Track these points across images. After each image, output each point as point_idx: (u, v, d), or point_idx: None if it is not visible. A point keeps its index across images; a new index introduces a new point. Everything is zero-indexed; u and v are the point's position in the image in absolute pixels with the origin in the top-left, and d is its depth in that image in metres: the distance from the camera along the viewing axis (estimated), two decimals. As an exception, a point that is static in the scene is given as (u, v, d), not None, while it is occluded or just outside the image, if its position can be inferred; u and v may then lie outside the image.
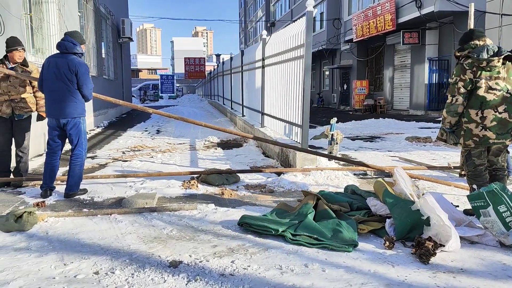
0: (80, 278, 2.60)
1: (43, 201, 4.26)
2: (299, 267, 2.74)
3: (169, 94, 33.60)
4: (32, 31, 7.69)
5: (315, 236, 3.13)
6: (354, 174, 5.54)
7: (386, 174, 5.29)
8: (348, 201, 3.86)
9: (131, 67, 28.46)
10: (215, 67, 23.40)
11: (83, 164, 4.69)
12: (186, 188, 4.89)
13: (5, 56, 5.05)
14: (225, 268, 2.73)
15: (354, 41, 21.27)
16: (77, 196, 4.55)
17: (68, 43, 4.46)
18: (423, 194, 3.62)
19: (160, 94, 33.91)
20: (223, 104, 17.21)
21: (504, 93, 3.57)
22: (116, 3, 16.60)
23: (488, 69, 3.57)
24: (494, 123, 3.57)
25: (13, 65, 5.03)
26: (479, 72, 3.58)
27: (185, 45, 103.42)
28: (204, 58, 39.48)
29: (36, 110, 5.23)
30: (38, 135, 7.17)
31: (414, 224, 3.16)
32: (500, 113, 3.57)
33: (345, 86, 24.27)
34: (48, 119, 4.55)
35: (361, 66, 22.64)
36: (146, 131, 11.39)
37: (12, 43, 4.98)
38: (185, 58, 35.75)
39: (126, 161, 6.73)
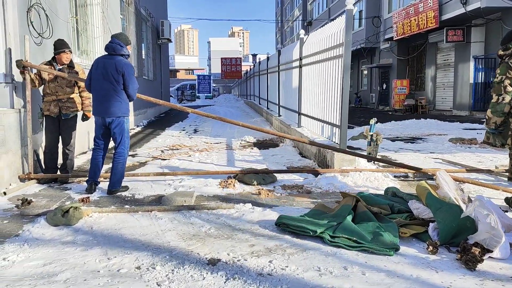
0: (123, 272, 2.68)
1: (88, 197, 4.43)
2: (338, 269, 2.70)
3: (205, 94, 34.09)
4: (78, 33, 8.02)
5: (354, 238, 3.08)
6: (395, 176, 5.39)
7: (429, 176, 5.12)
8: (388, 204, 3.75)
9: (169, 67, 29.09)
10: (251, 67, 23.51)
11: (125, 162, 4.85)
12: (223, 187, 4.94)
13: (53, 58, 5.29)
14: (263, 268, 2.72)
15: (394, 39, 20.73)
16: (119, 193, 4.70)
17: (116, 45, 4.63)
18: (469, 198, 3.47)
19: (197, 94, 34.47)
20: (259, 104, 17.26)
21: None
22: (155, 5, 17.02)
23: None
24: None
25: (61, 67, 5.26)
26: None
27: (221, 46, 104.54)
28: (241, 58, 39.74)
29: (81, 109, 5.45)
30: (82, 133, 7.47)
31: (460, 228, 3.04)
32: None
33: (384, 86, 23.70)
34: (95, 117, 4.74)
35: (401, 65, 22.04)
36: (183, 130, 11.61)
37: (60, 46, 5.22)
38: (221, 58, 36.14)
39: (165, 159, 6.88)
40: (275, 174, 5.37)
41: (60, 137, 5.36)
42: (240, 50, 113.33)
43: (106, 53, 4.69)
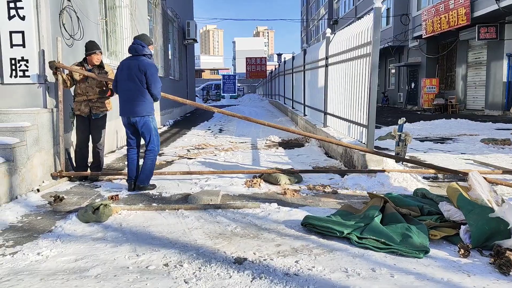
0: (151, 269, 2.73)
1: (117, 195, 4.53)
2: (366, 271, 2.66)
3: (230, 94, 34.25)
4: (107, 35, 8.21)
5: (382, 240, 3.02)
6: (424, 177, 5.26)
7: (460, 177, 4.97)
8: (418, 205, 3.67)
9: (195, 67, 29.39)
10: (276, 66, 23.47)
11: (155, 159, 4.94)
12: (249, 187, 4.95)
13: (84, 59, 5.44)
14: (289, 268, 2.72)
15: (423, 37, 20.24)
16: (146, 191, 4.79)
17: (138, 46, 4.73)
18: (502, 200, 3.36)
19: (222, 94, 34.66)
20: (284, 103, 17.21)
21: None
22: (182, 6, 17.23)
23: None
24: None
25: (91, 67, 5.40)
26: None
27: (246, 45, 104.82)
28: (265, 57, 39.75)
29: (109, 108, 5.58)
30: (111, 132, 7.64)
31: (493, 232, 2.94)
32: None
33: (412, 85, 23.18)
34: (122, 117, 4.84)
35: (430, 63, 21.49)
36: (209, 129, 11.71)
37: (91, 47, 5.36)
38: (246, 58, 36.27)
39: (191, 158, 6.96)
40: (300, 174, 5.35)
41: (90, 136, 5.50)
42: (265, 50, 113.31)
43: (130, 55, 4.79)
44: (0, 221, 3.70)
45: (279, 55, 51.96)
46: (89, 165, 5.55)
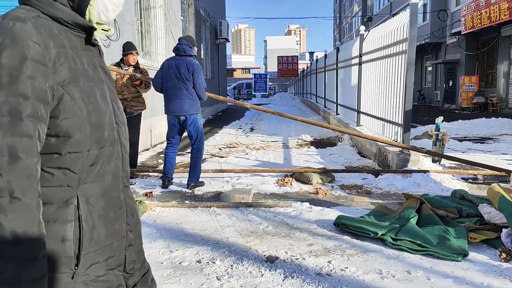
0: (184, 265, 2.76)
1: (151, 192, 4.63)
2: (401, 273, 2.59)
3: (262, 93, 34.28)
4: (142, 35, 8.40)
5: (418, 241, 2.94)
6: (462, 178, 5.08)
7: (502, 179, 4.76)
8: (456, 207, 3.54)
9: (226, 66, 29.64)
10: (308, 65, 23.27)
11: (202, 157, 5.03)
12: (280, 186, 4.94)
13: (121, 59, 5.59)
14: (321, 268, 2.68)
15: (462, 33, 19.51)
16: (179, 188, 4.86)
17: (186, 47, 4.78)
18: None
19: (253, 93, 34.75)
20: (316, 102, 17.05)
21: None
22: (214, 6, 17.40)
23: None
24: None
25: (127, 68, 5.54)
26: None
27: (278, 44, 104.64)
28: (297, 56, 39.50)
29: (144, 108, 5.68)
30: (145, 131, 7.82)
31: (538, 236, 2.79)
32: None
33: (450, 83, 22.40)
34: (168, 116, 4.89)
35: (470, 60, 20.69)
36: (240, 128, 11.77)
37: (128, 48, 5.50)
38: (278, 56, 36.15)
39: (223, 157, 7.01)
40: (333, 174, 5.28)
41: None
42: (296, 48, 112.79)
43: (175, 55, 4.84)
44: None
45: (311, 53, 51.60)
46: None
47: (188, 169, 4.95)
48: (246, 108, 20.87)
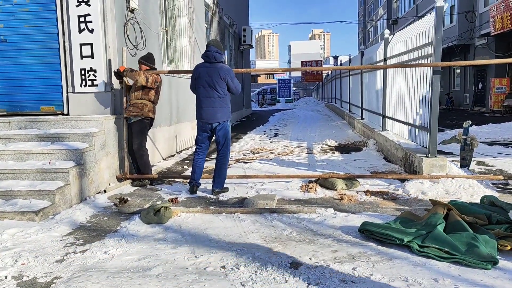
0: (209, 270, 2.80)
1: (177, 198, 4.70)
2: (427, 280, 2.54)
3: (286, 98, 34.29)
4: (167, 43, 8.57)
5: (446, 249, 2.88)
6: (493, 184, 4.93)
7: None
8: (485, 213, 3.44)
9: (250, 72, 29.77)
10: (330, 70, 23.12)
11: (228, 163, 5.10)
12: (305, 191, 4.92)
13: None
14: (346, 275, 2.67)
15: (491, 34, 18.96)
16: (204, 194, 4.92)
17: (216, 54, 4.83)
18: None
19: (278, 98, 34.79)
20: (341, 107, 16.91)
21: None
22: (238, 13, 17.58)
23: None
24: None
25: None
26: None
27: (302, 49, 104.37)
28: (321, 60, 39.33)
29: (143, 114, 5.47)
30: (171, 137, 7.96)
31: None
32: None
33: (480, 85, 21.78)
34: (199, 122, 4.94)
35: (499, 62, 20.06)
36: (264, 134, 11.79)
37: (144, 58, 5.66)
38: (302, 61, 36.10)
39: (247, 162, 7.05)
40: (358, 179, 5.22)
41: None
42: (320, 53, 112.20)
43: (205, 61, 4.86)
44: (71, 221, 3.99)
45: (335, 57, 51.22)
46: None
47: (213, 175, 5.01)
48: (270, 114, 20.91)
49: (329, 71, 24.27)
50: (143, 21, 6.57)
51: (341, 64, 16.87)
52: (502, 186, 4.90)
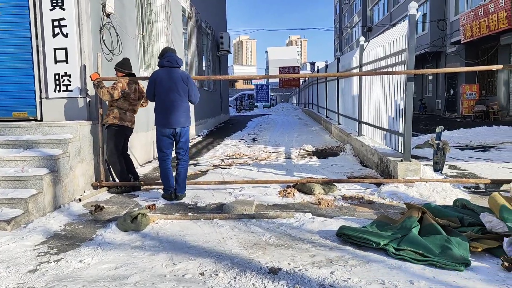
0: (187, 277, 2.78)
1: (154, 204, 4.65)
2: (403, 283, 2.60)
3: (263, 103, 34.42)
4: (144, 48, 8.50)
5: (420, 251, 2.95)
6: (464, 187, 5.09)
7: (503, 188, 4.76)
8: (458, 216, 3.55)
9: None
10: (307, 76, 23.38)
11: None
12: (283, 196, 4.95)
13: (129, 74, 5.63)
14: (324, 279, 2.69)
15: (461, 42, 19.62)
16: (182, 201, 4.89)
17: (178, 58, 4.92)
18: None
19: (255, 104, 34.89)
20: (318, 112, 17.11)
21: None
22: (215, 18, 17.59)
23: None
24: None
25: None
26: None
27: (279, 55, 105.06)
28: (298, 66, 39.70)
29: (108, 121, 5.38)
30: (148, 143, 7.87)
31: (540, 245, 2.79)
32: None
33: (451, 91, 22.46)
34: (162, 129, 4.88)
35: (469, 69, 20.73)
36: (242, 139, 11.80)
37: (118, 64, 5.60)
38: (279, 67, 36.33)
39: (225, 168, 7.04)
40: (335, 184, 5.29)
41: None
42: (298, 59, 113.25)
43: (167, 66, 4.85)
44: (45, 229, 3.88)
45: (312, 63, 51.82)
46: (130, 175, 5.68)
47: (177, 180, 4.97)
48: (248, 119, 20.93)
49: (306, 77, 24.54)
50: (119, 26, 6.50)
51: (317, 71, 17.08)
52: (473, 189, 5.06)
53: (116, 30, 6.33)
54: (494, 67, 5.48)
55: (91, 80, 5.37)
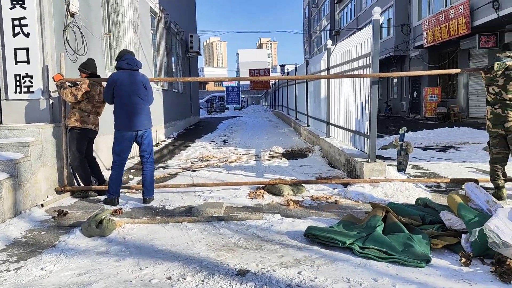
0: (154, 282, 2.74)
1: (121, 208, 4.56)
2: (368, 281, 2.66)
3: (234, 105, 34.44)
4: (111, 49, 8.33)
5: (384, 249, 3.03)
6: (426, 186, 5.27)
7: (462, 187, 4.96)
8: (420, 214, 3.68)
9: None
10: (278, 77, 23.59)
11: None
12: (252, 198, 4.97)
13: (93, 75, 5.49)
14: (292, 279, 2.72)
15: (424, 46, 20.33)
16: (150, 204, 4.82)
17: (138, 62, 4.92)
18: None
19: (226, 106, 34.85)
20: (288, 114, 17.27)
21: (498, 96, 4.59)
22: (185, 20, 17.45)
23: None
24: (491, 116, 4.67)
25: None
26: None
27: (250, 57, 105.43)
28: (269, 69, 39.97)
29: (69, 123, 5.24)
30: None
31: (495, 241, 2.93)
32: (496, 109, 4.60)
33: (415, 94, 23.23)
34: (124, 132, 4.78)
35: (432, 72, 21.51)
36: (213, 141, 11.76)
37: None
38: (250, 69, 36.43)
39: (195, 171, 6.99)
40: (304, 185, 5.36)
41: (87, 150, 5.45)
42: (268, 61, 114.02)
43: (127, 69, 4.78)
44: (4, 237, 3.73)
45: (282, 66, 52.22)
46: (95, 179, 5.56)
47: (143, 184, 4.89)
48: (219, 121, 20.87)
49: (276, 79, 24.72)
50: (84, 26, 6.34)
51: (287, 73, 17.26)
52: (434, 188, 5.25)
53: (81, 30, 6.17)
54: (453, 71, 5.72)
55: (54, 81, 5.22)
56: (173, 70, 14.88)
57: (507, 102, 4.53)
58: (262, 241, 3.48)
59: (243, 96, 43.45)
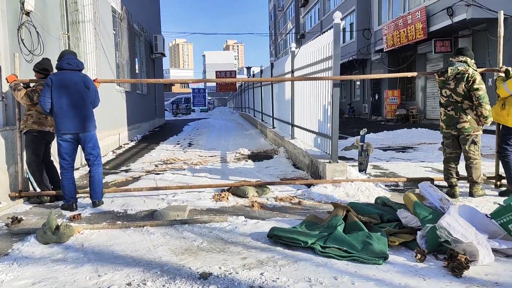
0: (113, 288, 2.67)
1: (79, 214, 4.42)
2: (328, 279, 2.72)
3: (200, 107, 34.17)
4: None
5: (344, 248, 3.10)
6: (386, 186, 5.44)
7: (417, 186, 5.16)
8: (378, 213, 3.79)
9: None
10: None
11: None
12: (217, 201, 4.95)
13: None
14: (254, 280, 2.73)
15: (384, 51, 21.00)
16: (111, 209, 4.70)
17: (78, 61, 4.76)
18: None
19: (192, 107, 34.53)
20: (254, 116, 17.34)
21: (450, 98, 4.78)
22: (149, 20, 17.17)
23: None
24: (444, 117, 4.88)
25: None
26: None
27: (216, 59, 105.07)
28: (235, 71, 40.00)
29: (25, 126, 5.06)
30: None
31: (448, 237, 3.06)
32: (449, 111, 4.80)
33: (376, 96, 23.93)
34: (65, 135, 4.62)
35: (392, 75, 22.23)
36: (178, 144, 11.62)
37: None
38: (216, 71, 36.31)
39: (159, 174, 6.88)
40: (268, 186, 5.39)
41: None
42: (234, 63, 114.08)
43: (66, 69, 4.65)
44: (-47, 246, 3.53)
45: (249, 68, 52.41)
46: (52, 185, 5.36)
47: (91, 187, 4.80)
48: (185, 123, 20.65)
49: (242, 82, 24.75)
50: (40, 25, 6.11)
51: (253, 75, 17.34)
52: (393, 187, 5.43)
53: (36, 29, 5.94)
54: (409, 74, 5.94)
55: (8, 82, 5.00)
56: (137, 71, 14.59)
57: (459, 104, 4.71)
58: (225, 243, 3.47)
59: (209, 98, 43.20)
